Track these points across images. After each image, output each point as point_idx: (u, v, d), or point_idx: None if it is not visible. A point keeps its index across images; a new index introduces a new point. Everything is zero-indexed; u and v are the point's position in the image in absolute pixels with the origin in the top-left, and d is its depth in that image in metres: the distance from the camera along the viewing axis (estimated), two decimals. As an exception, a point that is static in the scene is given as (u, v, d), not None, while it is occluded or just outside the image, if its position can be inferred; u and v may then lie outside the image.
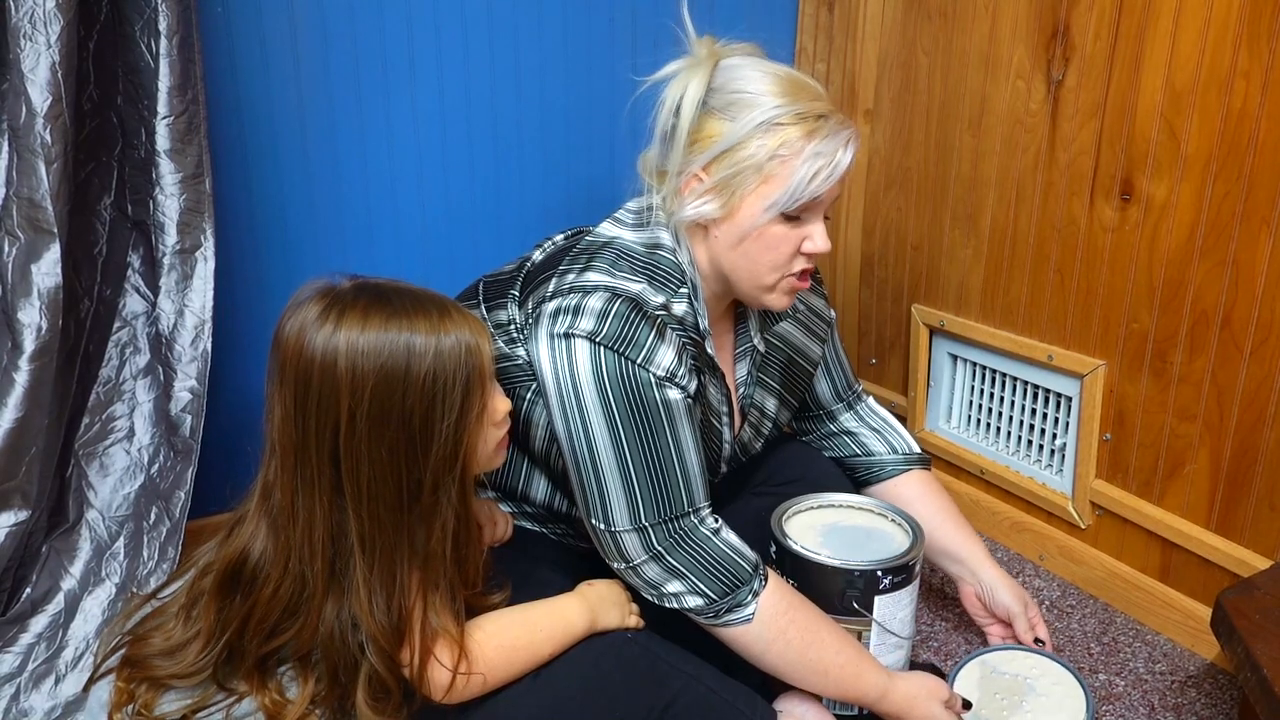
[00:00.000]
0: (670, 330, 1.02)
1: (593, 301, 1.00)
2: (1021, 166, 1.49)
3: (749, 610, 1.01)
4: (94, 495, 1.27)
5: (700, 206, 1.04)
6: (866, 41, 1.73)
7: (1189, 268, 1.28)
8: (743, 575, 1.01)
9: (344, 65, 1.48)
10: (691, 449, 1.02)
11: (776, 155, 1.00)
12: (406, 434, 0.86)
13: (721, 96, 1.03)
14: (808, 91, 1.04)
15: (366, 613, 0.87)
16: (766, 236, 1.03)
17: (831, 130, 1.02)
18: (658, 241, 1.07)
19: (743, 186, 1.01)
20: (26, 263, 1.17)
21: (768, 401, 1.22)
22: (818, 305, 1.28)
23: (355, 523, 0.87)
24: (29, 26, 1.12)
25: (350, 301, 0.87)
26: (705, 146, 1.03)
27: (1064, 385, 1.50)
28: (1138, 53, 1.30)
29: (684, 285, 1.06)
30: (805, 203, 1.01)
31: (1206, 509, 1.32)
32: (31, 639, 1.19)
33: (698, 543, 1.01)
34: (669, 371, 1.00)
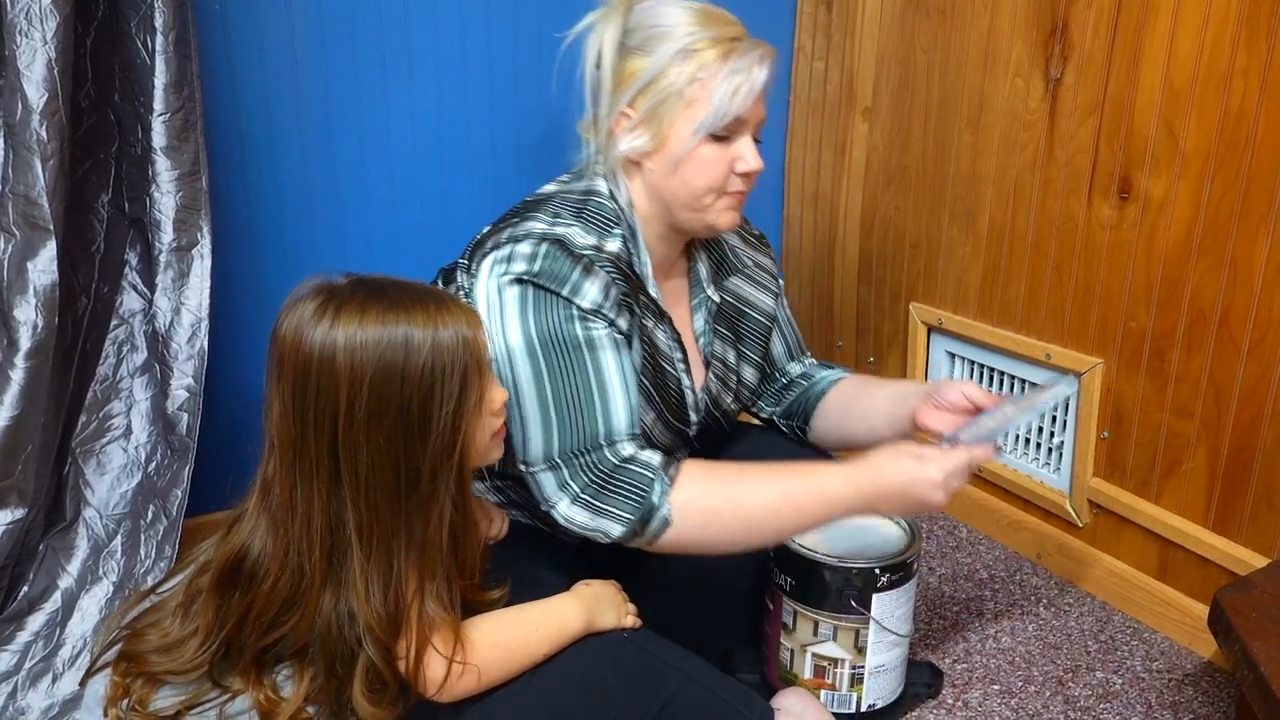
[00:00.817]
0: (598, 267, 1.03)
1: (523, 247, 1.03)
2: (1020, 164, 1.49)
3: (664, 512, 0.98)
4: (91, 493, 1.27)
5: (632, 141, 1.07)
6: (865, 39, 1.73)
7: (1187, 266, 1.28)
8: (646, 484, 0.98)
9: (341, 62, 1.48)
10: (614, 383, 1.02)
11: (696, 79, 1.04)
12: (405, 422, 0.86)
13: (638, 35, 1.07)
14: (720, 18, 1.08)
15: (364, 603, 0.87)
16: (699, 159, 1.06)
17: (746, 50, 1.05)
18: (592, 188, 1.10)
19: (669, 114, 1.05)
20: (23, 260, 1.16)
21: (728, 354, 1.23)
22: (764, 262, 1.30)
23: (353, 513, 0.87)
24: (24, 23, 1.12)
25: (347, 296, 0.88)
26: (629, 84, 1.07)
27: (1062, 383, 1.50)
28: (1136, 50, 1.30)
29: (618, 225, 1.08)
30: (730, 121, 1.05)
31: (1204, 507, 1.32)
32: (29, 637, 1.19)
33: (606, 471, 1.00)
34: (594, 304, 1.02)
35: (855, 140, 1.79)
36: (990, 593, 1.48)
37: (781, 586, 1.13)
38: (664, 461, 1.01)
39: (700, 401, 1.19)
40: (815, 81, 1.86)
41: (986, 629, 1.39)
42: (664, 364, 1.13)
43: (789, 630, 1.14)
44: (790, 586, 1.12)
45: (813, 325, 1.98)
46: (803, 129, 1.91)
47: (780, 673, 1.17)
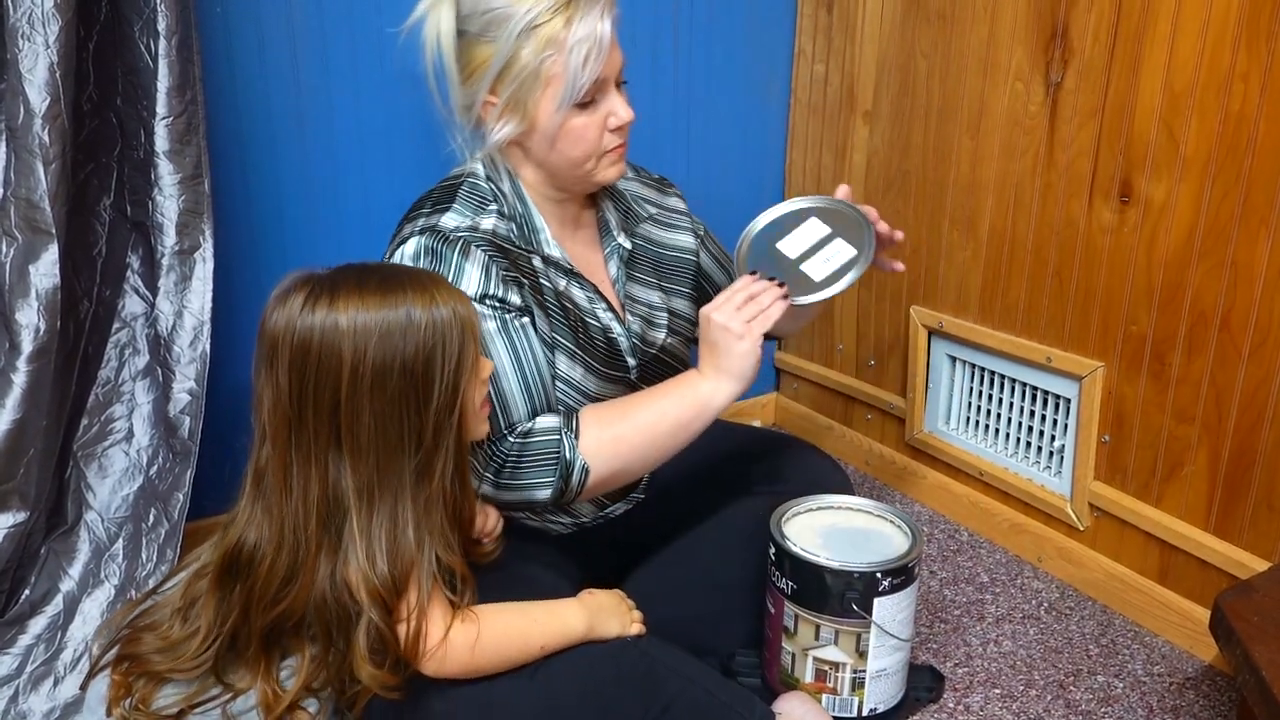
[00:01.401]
0: (475, 247, 1.07)
1: (408, 248, 1.07)
2: (1020, 169, 1.49)
3: (580, 461, 1.06)
4: (93, 496, 1.27)
5: (503, 128, 1.09)
6: (865, 43, 1.73)
7: (1187, 269, 1.29)
8: (553, 445, 1.06)
9: (342, 67, 1.48)
10: (507, 375, 1.07)
11: (545, 55, 1.04)
12: (408, 382, 0.90)
13: (476, 20, 1.06)
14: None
15: (365, 564, 0.89)
16: (571, 131, 1.08)
17: (584, 8, 1.04)
18: (468, 170, 1.14)
19: (530, 95, 1.06)
20: (24, 263, 1.16)
21: (651, 295, 1.25)
22: (671, 203, 1.33)
23: (353, 477, 0.89)
24: (26, 26, 1.12)
25: (340, 280, 0.91)
26: (482, 72, 1.07)
27: (1062, 387, 1.50)
28: (1136, 55, 1.30)
29: (493, 202, 1.11)
30: (589, 86, 1.06)
31: (1205, 511, 1.32)
32: (30, 640, 1.19)
33: (513, 455, 1.06)
34: (479, 290, 1.06)
35: (856, 143, 1.79)
36: (991, 596, 1.48)
37: (782, 590, 1.13)
38: (562, 419, 1.08)
39: (632, 345, 1.20)
40: (816, 84, 1.86)
41: (988, 633, 1.39)
42: (585, 318, 1.15)
43: (790, 634, 1.14)
44: (791, 590, 1.12)
45: (813, 327, 1.98)
46: (803, 132, 1.91)
47: (781, 677, 1.17)
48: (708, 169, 1.85)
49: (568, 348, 1.12)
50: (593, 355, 1.15)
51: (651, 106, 1.76)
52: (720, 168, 1.87)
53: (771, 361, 2.09)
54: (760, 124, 1.92)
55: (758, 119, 1.91)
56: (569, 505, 1.13)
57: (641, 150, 1.27)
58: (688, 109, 1.81)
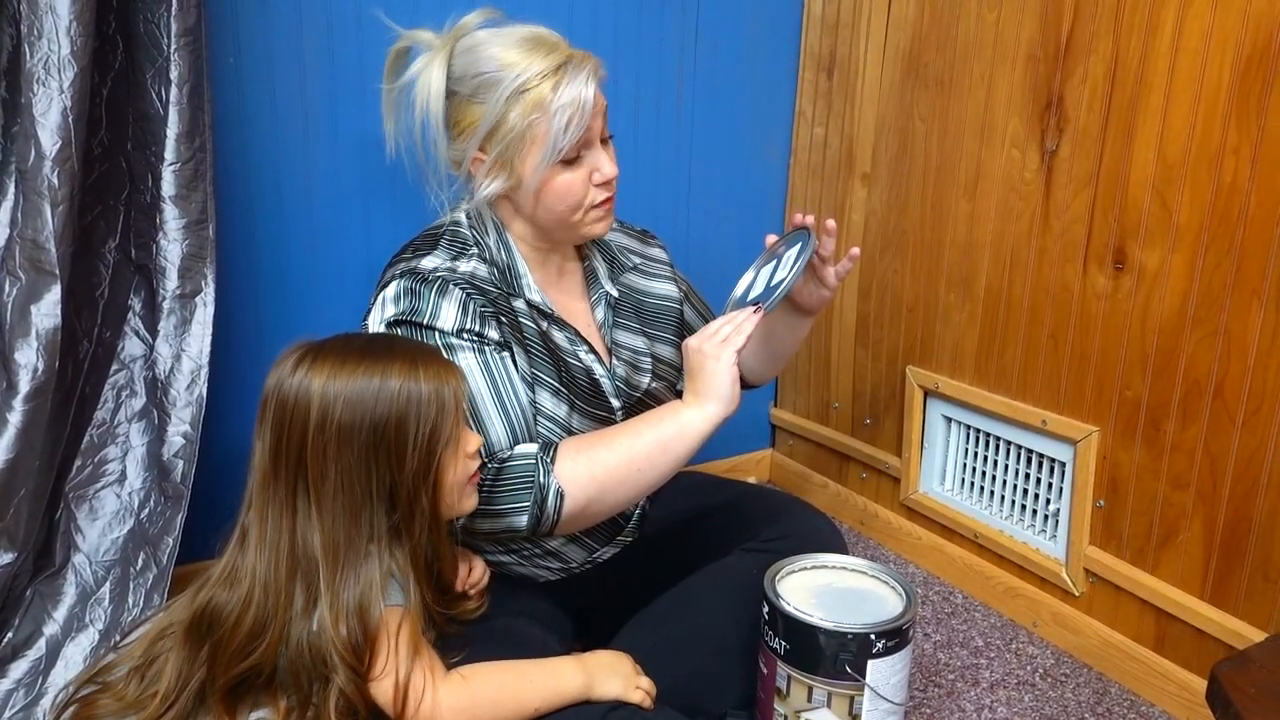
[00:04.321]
0: (452, 285, 1.10)
1: (389, 290, 1.11)
2: (1016, 233, 1.51)
3: (555, 486, 1.06)
4: (82, 539, 1.26)
5: (491, 185, 1.13)
6: (865, 107, 1.77)
7: (1181, 336, 1.30)
8: (529, 471, 1.06)
9: (350, 119, 1.50)
10: (486, 405, 1.08)
11: (531, 118, 1.08)
12: (379, 440, 0.90)
13: (468, 83, 1.11)
14: (542, 46, 1.10)
15: (331, 624, 0.88)
16: (555, 186, 1.12)
17: (571, 75, 1.09)
18: (452, 219, 1.18)
19: (517, 154, 1.10)
20: (26, 303, 1.17)
21: (636, 340, 1.28)
22: (654, 254, 1.37)
23: (319, 534, 0.89)
24: (42, 72, 1.14)
25: (327, 347, 0.93)
26: (471, 132, 1.12)
27: (1058, 450, 1.50)
28: (1130, 125, 1.33)
29: (473, 247, 1.15)
30: (571, 146, 1.10)
31: (1201, 578, 1.31)
32: (10, 685, 1.16)
33: (491, 478, 1.06)
34: (455, 325, 1.08)
35: (854, 204, 1.82)
36: (986, 661, 1.47)
37: (775, 650, 1.12)
38: (540, 447, 1.08)
39: (616, 387, 1.22)
40: (815, 146, 1.89)
41: (982, 698, 1.37)
42: (566, 359, 1.17)
43: (783, 695, 1.12)
44: (784, 650, 1.11)
45: (810, 385, 1.98)
46: (802, 192, 1.94)
47: (773, 739, 1.15)
48: (707, 227, 1.88)
49: (551, 384, 1.14)
50: (576, 393, 1.17)
51: (654, 166, 1.78)
52: (719, 226, 1.89)
53: (767, 418, 2.09)
54: (760, 184, 1.94)
55: (758, 179, 1.94)
56: (549, 534, 1.11)
57: (643, 208, 1.30)
58: (689, 169, 1.84)
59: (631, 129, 1.74)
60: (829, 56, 1.83)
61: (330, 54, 1.47)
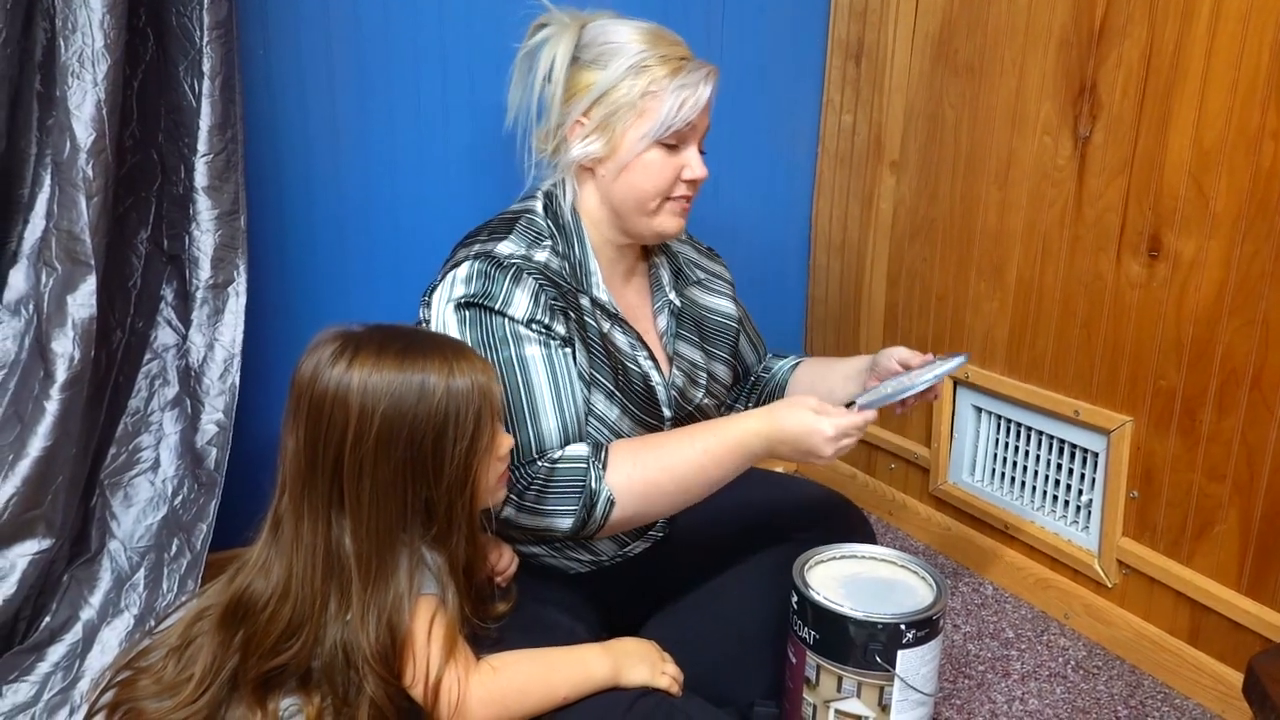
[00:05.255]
0: (526, 274, 1.10)
1: (461, 270, 1.11)
2: (1048, 221, 1.49)
3: (606, 494, 1.05)
4: (117, 525, 1.27)
5: (586, 147, 1.15)
6: (893, 94, 1.75)
7: (1218, 325, 1.28)
8: (580, 475, 1.05)
9: (379, 109, 1.51)
10: (544, 397, 1.07)
11: (647, 92, 1.12)
12: (417, 455, 0.89)
13: (591, 50, 1.15)
14: (668, 39, 1.16)
15: (363, 635, 0.88)
16: (646, 163, 1.14)
17: (692, 68, 1.14)
18: (527, 207, 1.18)
19: (621, 123, 1.13)
20: (63, 293, 1.19)
21: (694, 354, 1.28)
22: (718, 270, 1.38)
23: (354, 544, 0.89)
24: (77, 65, 1.16)
25: (364, 341, 0.91)
26: (583, 95, 1.14)
27: (1090, 441, 1.48)
28: (1165, 111, 1.31)
29: (548, 239, 1.15)
30: (677, 130, 1.13)
31: (1237, 570, 1.29)
32: (49, 668, 1.18)
33: (541, 479, 1.05)
34: (526, 314, 1.08)
35: (883, 193, 1.80)
36: (1017, 652, 1.46)
37: (804, 640, 1.11)
38: (591, 450, 1.07)
39: (670, 396, 1.22)
40: (844, 134, 1.87)
41: (1013, 690, 1.36)
42: (625, 361, 1.17)
43: (812, 685, 1.12)
44: (814, 640, 1.10)
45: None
46: (830, 181, 1.92)
47: (801, 729, 1.15)
48: (735, 216, 1.87)
49: (606, 387, 1.14)
50: (630, 398, 1.16)
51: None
52: (747, 215, 1.89)
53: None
54: (787, 173, 1.93)
55: (785, 168, 1.93)
56: (589, 539, 1.12)
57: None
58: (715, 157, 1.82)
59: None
60: (857, 43, 1.82)
61: (358, 44, 1.48)
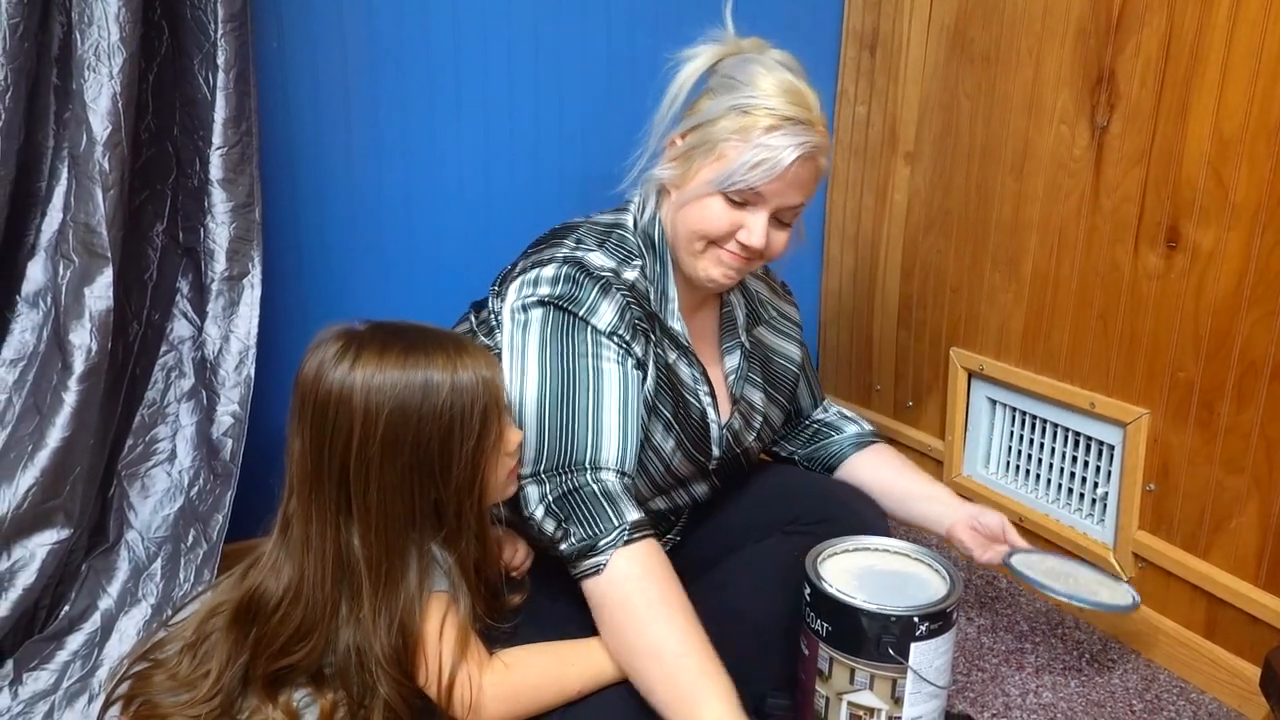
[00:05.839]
0: (615, 289, 1.07)
1: (548, 270, 1.07)
2: (1064, 212, 1.48)
3: (602, 560, 0.97)
4: (134, 516, 1.29)
5: (667, 169, 1.13)
6: (908, 85, 1.74)
7: (1237, 317, 1.26)
8: (608, 525, 0.98)
9: (392, 102, 1.51)
10: (612, 416, 1.03)
11: (732, 138, 1.06)
12: (423, 459, 0.89)
13: (719, 78, 1.11)
14: (793, 96, 1.07)
15: (375, 638, 0.89)
16: (704, 206, 1.09)
17: (791, 131, 1.05)
18: (619, 221, 1.16)
19: (700, 158, 1.09)
20: (80, 286, 1.19)
21: (755, 396, 1.26)
22: (789, 311, 1.36)
23: (363, 548, 0.89)
24: (93, 58, 1.16)
25: (367, 339, 0.91)
26: (690, 116, 1.12)
27: (1106, 433, 1.47)
28: (1184, 100, 1.29)
29: (637, 258, 1.13)
30: (742, 189, 1.07)
31: (1255, 564, 1.28)
32: (67, 657, 1.20)
33: (584, 496, 1.00)
34: (610, 326, 1.05)
35: (897, 184, 1.79)
36: (1031, 645, 1.45)
37: (817, 632, 1.11)
38: (636, 521, 0.99)
39: (723, 437, 1.20)
40: (858, 125, 1.86)
41: (1027, 683, 1.36)
42: (685, 395, 1.15)
43: (824, 677, 1.12)
44: (826, 632, 1.10)
45: (851, 368, 1.97)
46: (844, 172, 1.91)
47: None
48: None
49: (665, 417, 1.13)
50: (686, 432, 1.15)
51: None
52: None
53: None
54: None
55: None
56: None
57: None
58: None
59: (671, 109, 1.73)
60: (871, 33, 1.81)
61: (371, 37, 1.48)
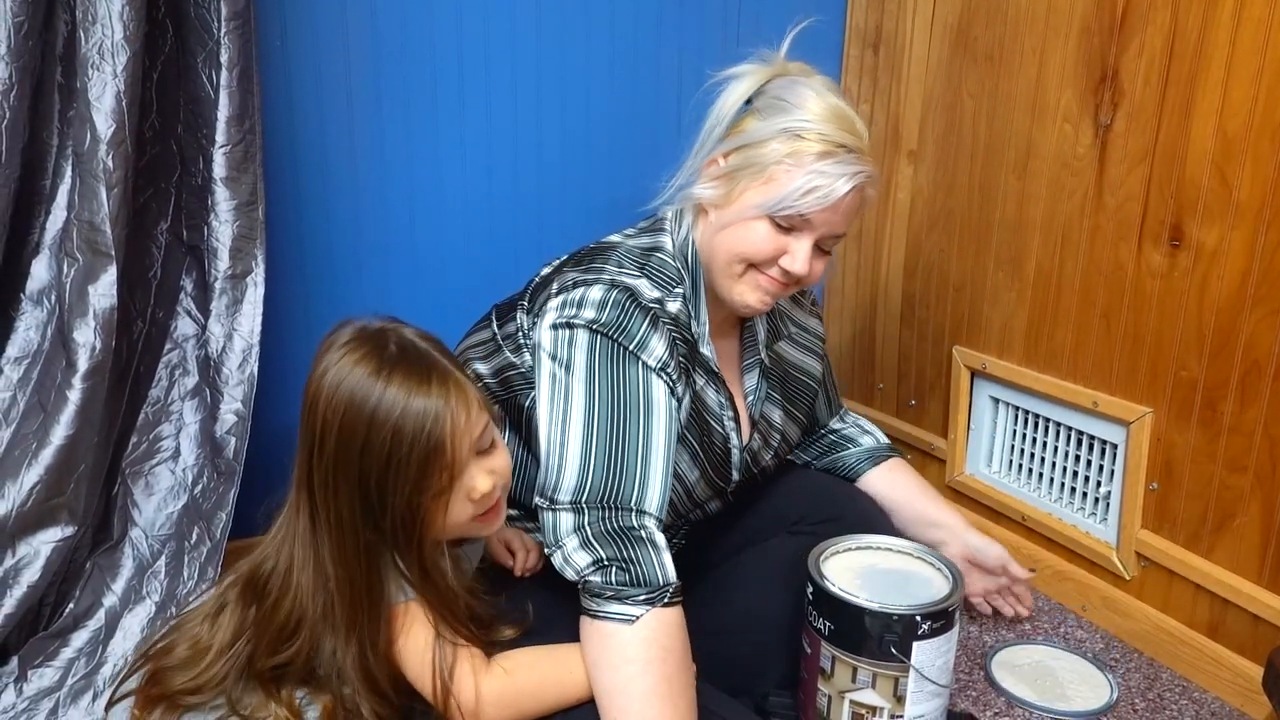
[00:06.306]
0: (663, 323, 1.06)
1: (593, 293, 1.04)
2: (1068, 210, 1.48)
3: (637, 612, 0.94)
4: (138, 513, 1.29)
5: (707, 188, 1.11)
6: (911, 83, 1.74)
7: (1241, 316, 1.26)
8: (654, 581, 0.95)
9: (395, 100, 1.52)
10: (659, 456, 1.01)
11: (784, 161, 1.05)
12: (364, 495, 0.87)
13: (767, 99, 1.10)
14: (844, 122, 1.08)
15: (347, 653, 0.89)
16: (749, 229, 1.08)
17: (844, 160, 1.05)
18: (657, 244, 1.13)
19: (747, 180, 1.07)
20: (84, 284, 1.20)
21: (774, 414, 1.25)
22: (813, 325, 1.34)
23: (331, 564, 0.89)
24: (97, 57, 1.16)
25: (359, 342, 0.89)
26: (734, 137, 1.10)
27: (1109, 432, 1.47)
28: (1189, 99, 1.29)
29: (679, 285, 1.11)
30: (792, 215, 1.06)
31: (1258, 563, 1.28)
32: (72, 654, 1.20)
33: (632, 540, 0.97)
34: (660, 362, 1.03)
35: (900, 183, 1.79)
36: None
37: (819, 630, 1.11)
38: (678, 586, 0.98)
39: (743, 460, 1.20)
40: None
41: (1029, 682, 1.36)
42: (711, 421, 1.14)
43: (826, 675, 1.12)
44: (829, 631, 1.10)
45: (854, 366, 1.97)
46: (847, 171, 1.91)
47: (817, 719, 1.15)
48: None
49: (692, 447, 1.12)
50: (710, 460, 1.15)
51: (696, 142, 1.77)
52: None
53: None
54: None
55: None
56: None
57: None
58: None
59: (675, 105, 1.73)
60: (874, 32, 1.80)
61: (374, 36, 1.48)
